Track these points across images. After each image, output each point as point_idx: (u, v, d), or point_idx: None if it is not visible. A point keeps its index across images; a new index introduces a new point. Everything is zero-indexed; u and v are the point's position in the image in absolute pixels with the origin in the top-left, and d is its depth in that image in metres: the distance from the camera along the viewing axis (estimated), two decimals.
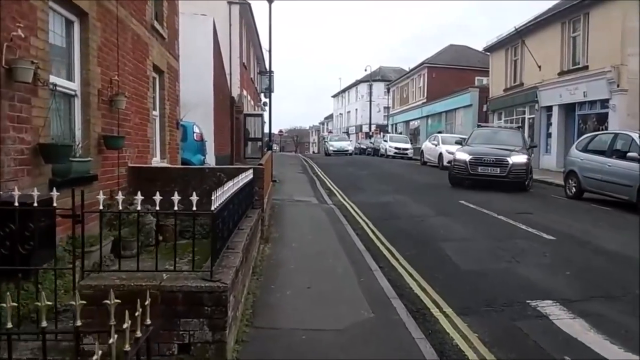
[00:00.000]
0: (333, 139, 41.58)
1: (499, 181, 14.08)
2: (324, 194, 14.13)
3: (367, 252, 7.27)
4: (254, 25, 28.20)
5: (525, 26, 23.71)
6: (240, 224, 5.77)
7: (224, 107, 18.14)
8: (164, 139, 10.02)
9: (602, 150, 12.01)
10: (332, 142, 39.74)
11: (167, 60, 10.19)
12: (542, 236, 8.16)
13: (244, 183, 6.29)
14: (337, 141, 39.97)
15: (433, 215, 10.38)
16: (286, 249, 7.19)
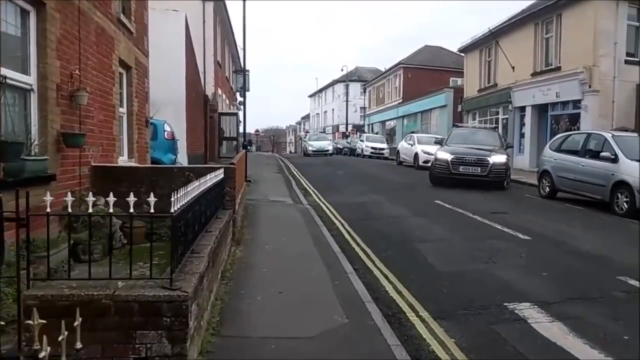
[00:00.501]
0: (312, 139, 38.73)
1: (480, 180, 14.27)
2: (300, 194, 13.90)
3: (343, 253, 7.07)
4: (229, 24, 27.81)
5: (499, 27, 23.93)
6: (209, 226, 5.50)
7: (197, 105, 17.74)
8: (131, 137, 9.64)
9: (576, 150, 12.10)
10: (311, 141, 36.97)
11: (136, 56, 9.82)
12: (517, 236, 8.10)
13: (213, 183, 6.02)
14: (316, 141, 37.19)
15: (409, 215, 10.25)
16: (259, 252, 6.93)
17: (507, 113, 24.21)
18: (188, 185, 4.27)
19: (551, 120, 21.09)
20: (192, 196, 4.13)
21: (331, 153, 34.62)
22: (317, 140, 37.36)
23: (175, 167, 7.42)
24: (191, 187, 4.35)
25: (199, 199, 4.76)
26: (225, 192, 7.12)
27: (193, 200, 4.18)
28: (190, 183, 4.66)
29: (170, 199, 3.89)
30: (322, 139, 38.13)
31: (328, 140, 38.74)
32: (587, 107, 18.21)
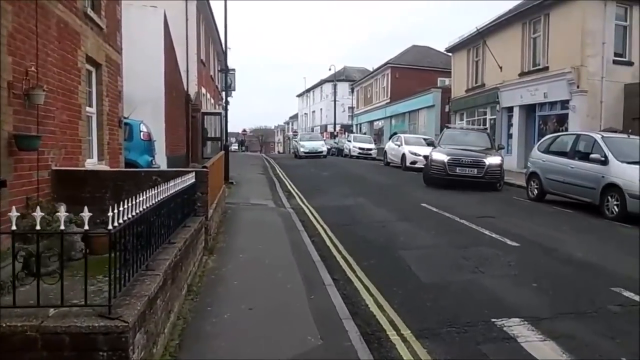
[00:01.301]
0: (304, 139, 33.84)
1: (476, 182, 14.41)
2: (283, 196, 13.46)
3: (322, 262, 6.67)
4: (214, 22, 27.27)
5: (487, 27, 23.68)
6: (174, 236, 5.06)
7: (177, 104, 17.21)
8: (102, 138, 9.12)
9: (565, 151, 11.82)
10: (302, 142, 32.45)
11: (106, 53, 9.30)
12: (506, 243, 7.75)
13: (181, 189, 5.59)
14: (308, 141, 32.56)
15: (395, 220, 9.87)
16: (232, 262, 6.49)
17: (494, 113, 23.98)
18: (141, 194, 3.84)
19: (539, 120, 20.88)
20: (144, 208, 3.68)
21: (325, 155, 30.87)
22: (310, 140, 32.94)
23: (143, 170, 6.97)
24: (144, 197, 3.93)
25: (159, 208, 4.33)
26: (197, 197, 6.68)
27: (145, 211, 3.73)
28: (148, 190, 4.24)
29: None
30: (314, 139, 33.76)
31: (321, 140, 34.37)
32: (575, 108, 17.99)
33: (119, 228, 3.04)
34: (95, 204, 6.85)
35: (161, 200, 4.40)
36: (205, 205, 6.84)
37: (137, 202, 3.66)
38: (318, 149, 30.74)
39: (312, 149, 30.57)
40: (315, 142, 32.28)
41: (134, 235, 3.53)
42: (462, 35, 26.84)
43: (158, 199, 4.28)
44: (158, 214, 4.32)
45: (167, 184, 4.84)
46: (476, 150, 15.23)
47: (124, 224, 3.16)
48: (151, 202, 3.99)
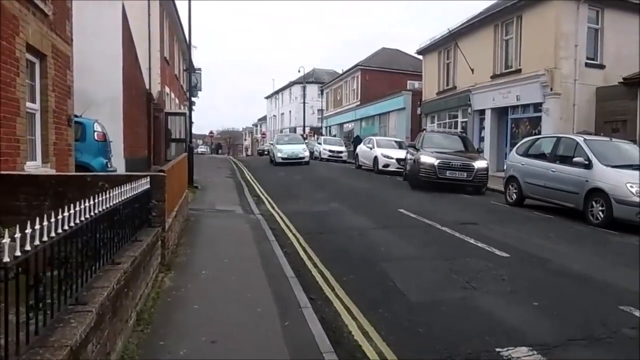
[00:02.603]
0: (281, 141, 27.87)
1: (464, 184, 14.80)
2: (252, 202, 12.62)
3: (297, 278, 5.91)
4: (179, 20, 26.18)
5: (458, 28, 23.45)
6: (120, 254, 4.21)
7: (138, 103, 16.13)
8: (46, 138, 8.11)
9: (545, 154, 11.42)
10: (279, 145, 26.75)
11: (53, 43, 8.30)
12: (494, 253, 7.16)
13: (130, 197, 4.73)
14: (286, 144, 26.91)
15: (373, 227, 9.19)
16: (193, 280, 5.64)
17: (466, 116, 23.73)
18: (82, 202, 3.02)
19: (511, 123, 20.69)
20: (70, 226, 2.84)
21: (307, 161, 25.73)
22: (288, 143, 27.12)
23: (88, 175, 6.04)
24: (78, 208, 3.10)
25: (96, 223, 3.49)
26: (152, 206, 5.81)
27: (73, 229, 2.90)
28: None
29: None
30: (294, 142, 27.66)
31: (302, 143, 27.94)
32: (548, 110, 17.82)
33: (21, 258, 2.19)
34: (31, 214, 5.96)
35: (100, 214, 3.56)
36: (162, 215, 5.97)
37: (62, 218, 2.83)
38: (298, 154, 25.60)
39: (292, 154, 25.49)
40: (294, 145, 26.64)
41: (57, 261, 2.70)
42: (433, 37, 26.61)
43: (96, 212, 3.45)
44: (95, 230, 3.48)
45: (109, 192, 4.00)
46: (461, 153, 15.52)
47: (34, 250, 2.32)
48: (84, 217, 3.16)
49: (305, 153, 25.86)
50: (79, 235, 3.13)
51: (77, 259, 3.16)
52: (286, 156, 25.23)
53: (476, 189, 14.92)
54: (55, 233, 2.70)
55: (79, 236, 3.12)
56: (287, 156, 25.21)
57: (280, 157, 25.37)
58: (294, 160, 25.03)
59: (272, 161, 27.25)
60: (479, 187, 14.97)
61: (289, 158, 25.12)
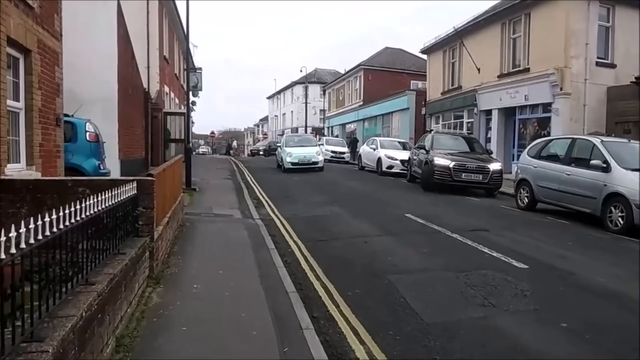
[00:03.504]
0: (290, 143, 23.30)
1: (479, 187, 14.68)
2: (251, 205, 12.11)
3: (298, 294, 5.39)
4: (178, 18, 25.63)
5: (464, 27, 22.90)
6: (97, 272, 3.71)
7: (134, 103, 15.63)
8: (31, 139, 7.60)
9: (559, 156, 10.88)
10: (288, 148, 22.49)
11: (39, 37, 7.79)
12: (511, 264, 6.63)
13: (112, 205, 4.22)
14: (297, 147, 22.69)
15: (378, 234, 8.66)
16: (183, 295, 5.13)
17: (472, 116, 23.19)
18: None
19: (519, 124, 20.15)
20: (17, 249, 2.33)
21: (321, 166, 21.85)
22: (299, 145, 22.90)
23: (69, 179, 5.52)
24: (32, 226, 2.61)
25: (62, 239, 2.99)
26: (139, 213, 5.29)
27: (22, 253, 2.39)
28: None
29: None
30: (305, 144, 23.29)
31: (315, 145, 23.54)
32: (558, 111, 17.27)
33: None
34: (7, 221, 5.46)
35: (71, 226, 3.06)
36: (150, 223, 5.45)
37: (16, 235, 2.33)
38: (311, 158, 21.65)
39: (303, 158, 21.64)
40: (306, 148, 22.55)
41: (5, 292, 2.20)
42: (438, 35, 26.09)
43: (66, 224, 2.94)
44: (64, 246, 2.98)
45: (86, 200, 3.49)
46: (473, 155, 15.40)
47: None
48: (48, 232, 2.66)
49: (319, 157, 21.86)
50: (42, 253, 2.63)
51: (39, 282, 2.67)
52: (297, 161, 21.52)
53: (489, 191, 14.72)
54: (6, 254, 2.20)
55: (41, 254, 2.62)
56: (298, 161, 21.52)
57: (290, 162, 21.51)
58: (305, 165, 21.37)
59: (279, 166, 23.44)
60: (493, 190, 14.75)
61: (301, 163, 21.43)
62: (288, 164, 21.44)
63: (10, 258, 2.24)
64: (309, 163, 21.47)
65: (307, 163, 21.44)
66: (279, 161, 23.62)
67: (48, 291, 2.78)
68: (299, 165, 21.36)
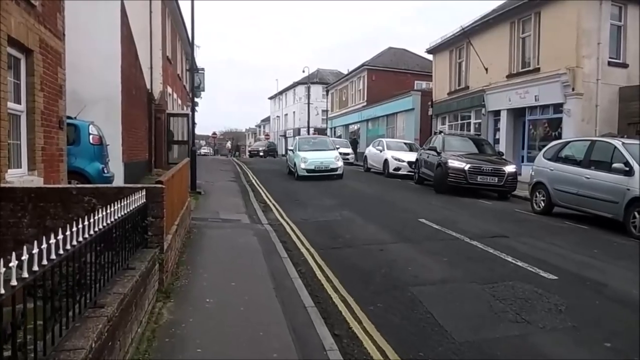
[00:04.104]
0: (304, 146, 19.91)
1: (494, 190, 14.53)
2: (258, 209, 11.79)
3: (316, 307, 5.08)
4: (182, 19, 25.38)
5: (472, 26, 22.55)
6: (106, 291, 3.38)
7: (138, 104, 15.32)
8: (33, 143, 7.29)
9: (577, 159, 10.54)
10: (304, 152, 19.18)
11: (41, 37, 7.47)
12: (539, 274, 6.29)
13: (120, 217, 3.89)
14: (312, 150, 19.34)
15: (393, 241, 8.33)
16: (196, 311, 4.80)
17: (479, 117, 22.83)
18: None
19: (528, 125, 19.79)
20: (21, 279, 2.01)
21: (341, 173, 18.72)
22: (314, 149, 19.46)
23: (73, 187, 5.20)
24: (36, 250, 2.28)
25: (68, 261, 2.66)
26: (148, 224, 4.97)
27: (27, 282, 2.06)
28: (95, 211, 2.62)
29: None
30: (322, 147, 19.92)
31: (332, 149, 20.08)
32: (569, 112, 16.92)
33: None
34: (7, 232, 5.15)
35: (79, 245, 2.73)
36: (160, 233, 5.13)
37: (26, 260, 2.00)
38: (329, 164, 18.44)
39: (320, 164, 18.42)
40: (323, 152, 19.23)
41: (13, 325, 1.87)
42: (444, 35, 25.72)
43: (68, 246, 2.61)
44: (67, 268, 2.65)
45: (93, 215, 3.17)
46: (486, 157, 15.25)
47: None
48: (54, 254, 2.33)
49: (339, 163, 18.75)
50: (47, 278, 2.30)
51: (43, 310, 2.35)
52: (312, 167, 18.29)
53: (503, 194, 14.50)
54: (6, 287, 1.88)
55: (46, 280, 2.30)
56: (315, 167, 18.30)
57: (305, 168, 18.34)
58: (323, 173, 18.25)
59: (290, 172, 20.24)
60: (507, 193, 14.54)
61: (317, 170, 18.25)
62: (302, 171, 18.36)
63: (12, 292, 1.92)
64: (327, 170, 18.34)
65: (325, 170, 18.34)
66: (290, 167, 20.34)
67: (54, 321, 2.45)
68: (315, 172, 18.23)
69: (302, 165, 18.49)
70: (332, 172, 18.37)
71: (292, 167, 19.95)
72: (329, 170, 18.40)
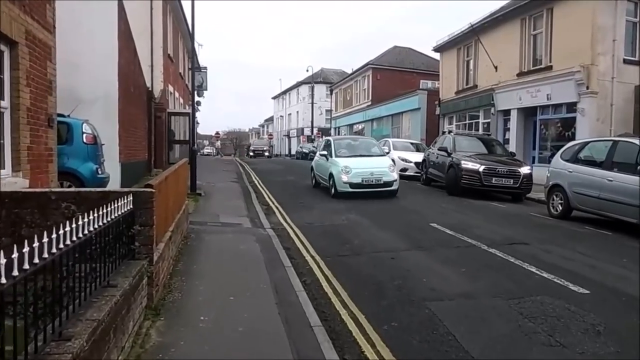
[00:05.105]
0: (343, 150, 14.77)
1: (509, 192, 13.95)
2: (261, 211, 11.26)
3: (323, 327, 4.53)
4: (184, 17, 24.88)
5: (481, 23, 21.95)
6: (74, 320, 2.84)
7: (137, 102, 14.80)
8: (17, 142, 6.76)
9: (599, 161, 9.95)
10: (343, 158, 14.01)
11: (27, 28, 6.94)
12: (568, 288, 5.72)
13: (90, 232, 3.34)
14: (354, 156, 14.26)
15: (404, 248, 7.76)
16: (189, 332, 4.25)
17: (488, 117, 22.22)
18: None
19: (540, 125, 19.17)
20: None
21: (396, 189, 13.67)
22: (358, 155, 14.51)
23: (53, 191, 4.65)
24: None
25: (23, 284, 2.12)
26: (135, 232, 4.43)
27: None
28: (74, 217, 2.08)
29: None
30: (367, 152, 14.99)
31: (382, 155, 15.22)
32: (584, 111, 16.30)
33: None
34: None
35: (37, 267, 2.19)
36: (149, 243, 4.59)
37: None
38: (381, 175, 13.33)
39: (369, 175, 13.27)
40: (371, 159, 14.17)
41: None
42: (451, 33, 25.13)
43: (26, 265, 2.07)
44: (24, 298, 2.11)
45: (64, 226, 2.63)
46: (499, 158, 14.78)
47: None
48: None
49: (394, 175, 13.50)
50: None
51: None
52: (359, 180, 13.10)
53: (518, 196, 13.94)
54: None
55: None
56: (362, 180, 13.12)
57: (348, 182, 13.05)
58: (373, 188, 13.16)
59: (318, 185, 15.46)
60: (522, 195, 13.99)
61: (366, 185, 13.14)
62: (343, 186, 13.11)
63: None
64: (379, 184, 13.18)
65: (377, 184, 13.17)
66: (320, 178, 15.13)
67: None
68: (362, 187, 13.13)
69: (343, 177, 13.10)
70: (385, 187, 13.25)
71: (322, 179, 14.79)
72: (382, 185, 13.21)
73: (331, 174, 13.78)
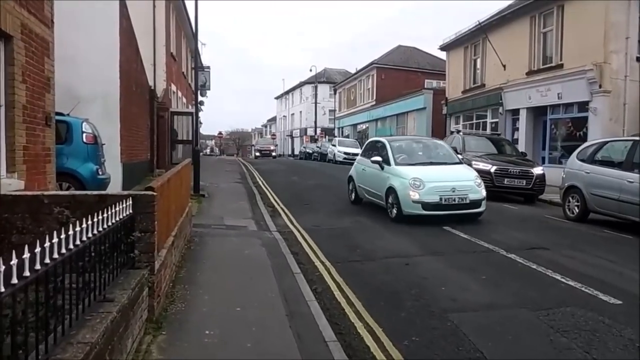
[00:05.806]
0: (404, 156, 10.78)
1: (522, 193, 13.64)
2: (266, 213, 10.92)
3: (338, 342, 4.18)
4: (187, 15, 24.54)
5: (488, 21, 21.55)
6: (68, 342, 2.50)
7: (139, 101, 14.48)
8: (13, 141, 6.41)
9: (617, 161, 9.57)
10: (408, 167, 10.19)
11: (23, 21, 6.61)
12: (598, 297, 5.34)
13: (88, 239, 2.99)
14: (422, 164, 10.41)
15: (418, 253, 7.39)
16: (193, 350, 3.90)
17: (496, 116, 21.82)
18: None
19: (550, 124, 18.76)
20: None
21: (484, 210, 9.94)
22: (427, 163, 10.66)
23: (45, 194, 4.31)
24: None
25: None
26: (134, 239, 4.08)
27: None
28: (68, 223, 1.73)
29: None
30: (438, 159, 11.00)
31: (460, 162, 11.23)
32: (596, 110, 15.90)
33: None
34: None
35: (22, 285, 1.84)
36: (150, 251, 4.24)
37: None
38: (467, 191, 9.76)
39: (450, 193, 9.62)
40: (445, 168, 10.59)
41: None
42: (458, 31, 24.73)
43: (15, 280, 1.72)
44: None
45: (55, 235, 2.28)
46: (510, 158, 14.55)
47: None
48: None
49: (482, 191, 9.95)
50: None
51: None
52: (437, 199, 9.52)
53: (531, 198, 13.56)
54: None
55: None
56: (442, 200, 9.55)
57: (420, 200, 9.50)
58: (458, 209, 9.67)
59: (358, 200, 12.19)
60: (535, 196, 13.62)
61: (447, 205, 9.60)
62: (413, 206, 9.56)
63: None
64: (464, 204, 9.68)
65: (461, 205, 9.67)
66: (363, 190, 11.78)
67: None
68: (443, 209, 9.61)
69: (412, 194, 9.55)
70: (471, 208, 9.77)
71: (371, 194, 11.29)
72: (468, 206, 9.72)
73: (391, 189, 10.02)
